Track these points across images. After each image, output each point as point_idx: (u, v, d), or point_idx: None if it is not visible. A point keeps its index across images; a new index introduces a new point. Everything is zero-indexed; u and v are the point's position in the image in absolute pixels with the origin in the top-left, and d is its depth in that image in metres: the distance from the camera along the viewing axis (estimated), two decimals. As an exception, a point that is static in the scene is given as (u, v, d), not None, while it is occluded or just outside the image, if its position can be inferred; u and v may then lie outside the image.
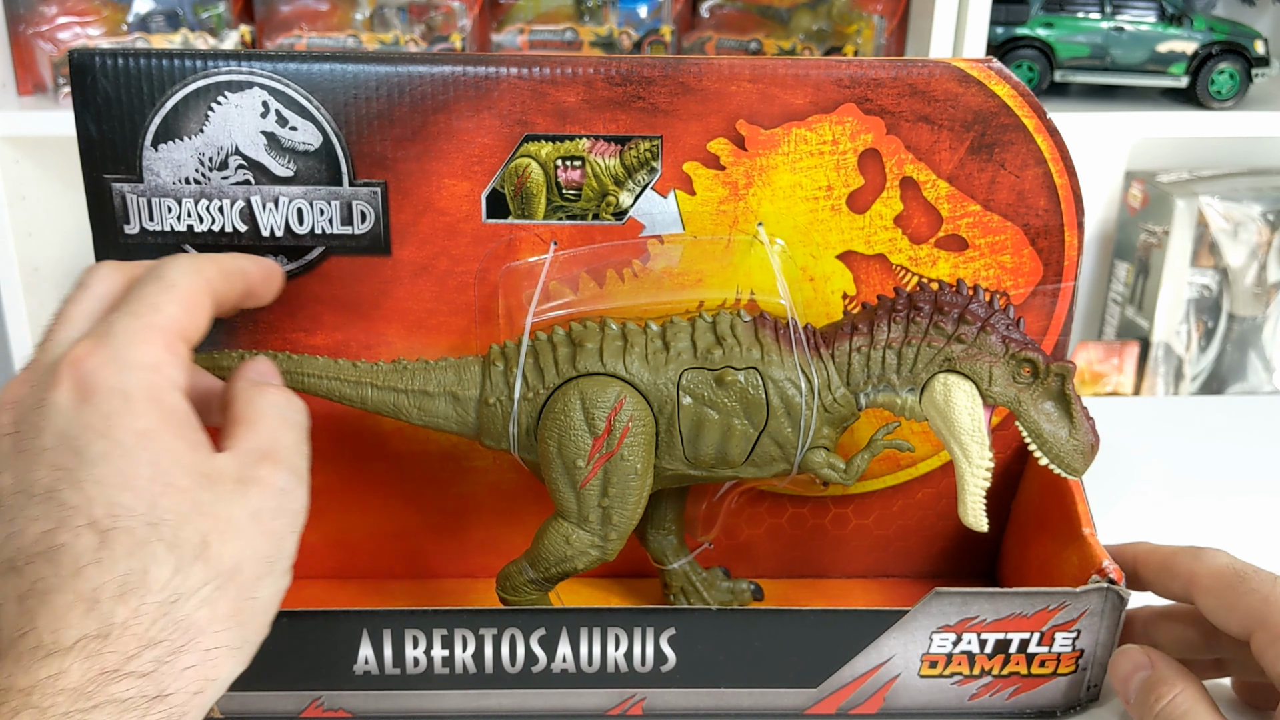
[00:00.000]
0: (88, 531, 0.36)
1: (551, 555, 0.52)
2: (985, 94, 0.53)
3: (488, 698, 0.51)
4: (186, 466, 0.39)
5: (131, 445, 0.38)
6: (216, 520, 0.38)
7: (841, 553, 0.62)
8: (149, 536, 0.37)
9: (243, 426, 0.42)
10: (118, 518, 0.37)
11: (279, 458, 0.42)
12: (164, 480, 0.38)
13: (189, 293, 0.43)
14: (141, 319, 0.41)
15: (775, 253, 0.55)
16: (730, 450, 0.51)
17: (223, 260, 0.46)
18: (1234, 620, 0.47)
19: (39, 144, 1.30)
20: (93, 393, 0.38)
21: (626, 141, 0.53)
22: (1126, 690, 0.49)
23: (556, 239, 0.54)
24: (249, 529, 0.39)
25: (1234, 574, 0.48)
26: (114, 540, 0.36)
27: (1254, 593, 0.46)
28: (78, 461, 0.37)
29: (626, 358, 0.51)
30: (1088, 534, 0.52)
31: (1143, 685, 0.48)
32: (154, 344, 0.40)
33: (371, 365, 0.52)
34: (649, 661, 0.51)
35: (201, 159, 0.52)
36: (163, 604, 0.36)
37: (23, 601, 0.35)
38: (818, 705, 0.52)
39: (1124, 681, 0.50)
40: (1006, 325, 0.50)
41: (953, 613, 0.50)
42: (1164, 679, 0.48)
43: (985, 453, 0.49)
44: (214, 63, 0.51)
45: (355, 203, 0.53)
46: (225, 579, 0.38)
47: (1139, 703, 0.49)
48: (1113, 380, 1.56)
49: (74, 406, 0.38)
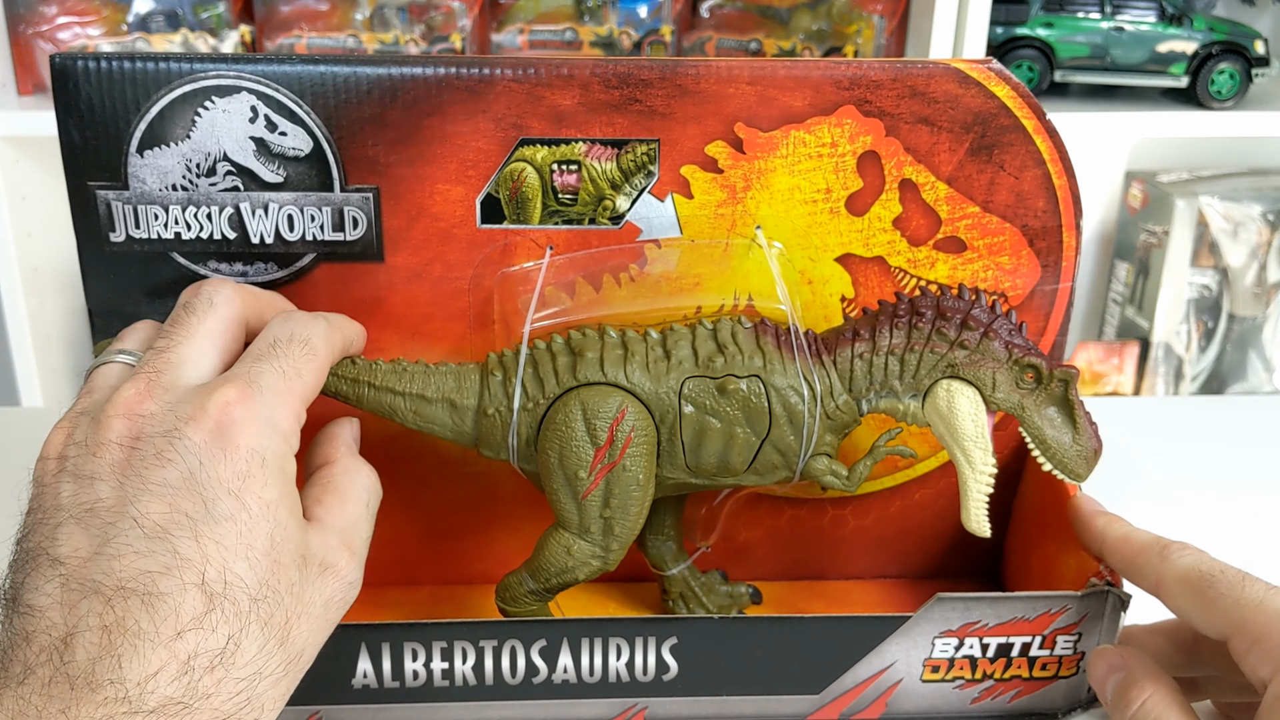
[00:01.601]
0: (196, 591, 0.36)
1: (553, 566, 0.51)
2: (985, 95, 0.53)
3: (488, 709, 0.51)
4: (293, 546, 0.39)
5: (257, 514, 0.38)
6: (300, 604, 0.39)
7: (840, 554, 0.62)
8: (250, 611, 0.37)
9: (336, 499, 0.43)
10: (229, 585, 0.37)
11: (355, 548, 0.43)
12: (275, 557, 0.38)
13: (323, 362, 0.44)
14: (288, 381, 0.41)
15: (774, 256, 0.54)
16: (732, 459, 0.51)
17: (346, 329, 0.48)
18: (1206, 626, 0.46)
19: (39, 144, 1.30)
20: (234, 446, 0.38)
21: (623, 145, 0.53)
22: (1104, 692, 0.49)
23: (553, 244, 0.54)
24: (320, 617, 0.40)
25: (1201, 577, 0.47)
26: (221, 608, 0.36)
27: (1224, 597, 0.45)
28: (202, 513, 0.37)
29: (628, 367, 0.50)
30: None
31: (1117, 687, 0.48)
32: (293, 411, 0.41)
33: (370, 363, 0.51)
34: (651, 671, 0.50)
35: (189, 165, 0.51)
36: (244, 680, 0.36)
37: (109, 635, 0.35)
38: (820, 711, 0.52)
39: (1100, 684, 0.49)
40: (1009, 331, 0.49)
41: (955, 618, 0.50)
42: (1135, 681, 0.47)
43: (989, 459, 0.49)
44: (201, 66, 0.50)
45: (347, 209, 0.53)
46: (292, 661, 0.39)
47: (1114, 705, 0.48)
48: (1113, 380, 1.56)
49: (210, 452, 0.38)
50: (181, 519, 0.37)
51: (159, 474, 0.37)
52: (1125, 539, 0.50)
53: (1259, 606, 0.44)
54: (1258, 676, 0.44)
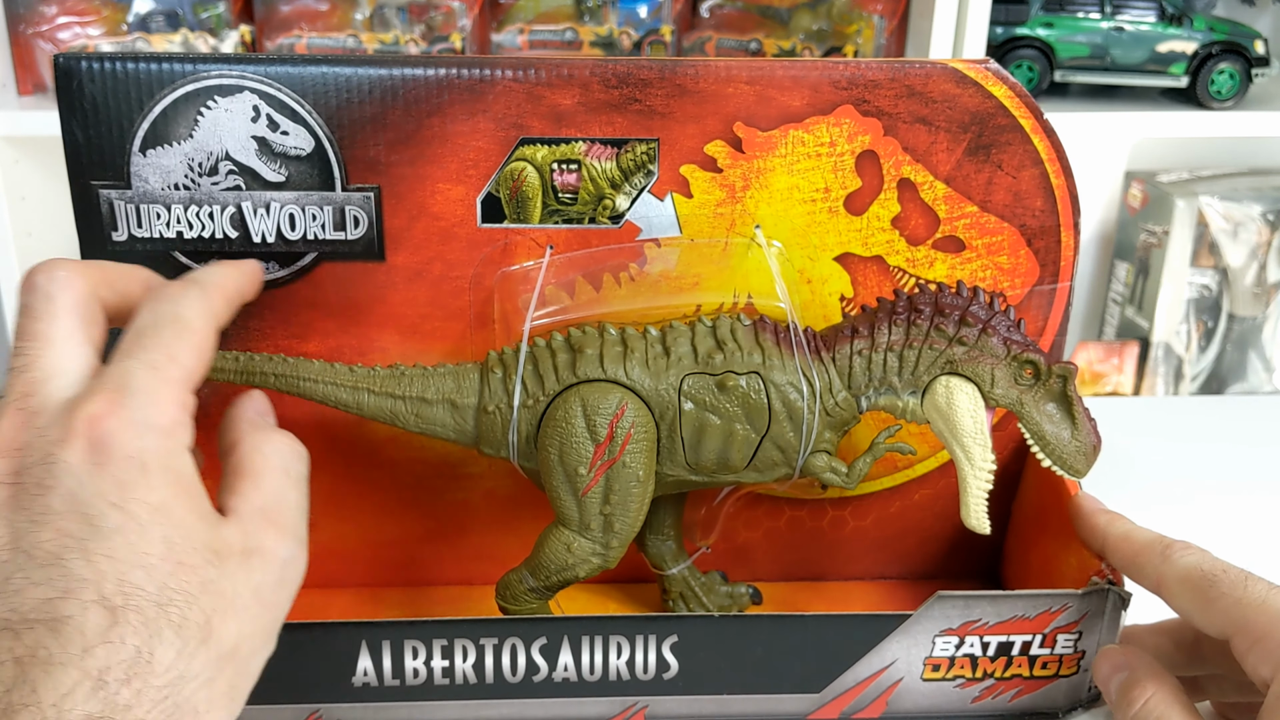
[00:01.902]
0: (97, 608, 0.35)
1: (553, 564, 0.51)
2: (982, 95, 0.53)
3: (489, 708, 0.51)
4: (197, 543, 0.38)
5: (146, 520, 0.37)
6: (220, 599, 0.38)
7: (840, 555, 0.62)
8: (158, 617, 0.36)
9: (247, 481, 0.42)
10: (129, 596, 0.36)
11: (283, 522, 0.41)
12: (175, 558, 0.37)
13: (203, 335, 0.42)
14: (160, 372, 0.40)
15: (773, 255, 0.55)
16: (732, 455, 0.51)
17: (225, 285, 0.45)
18: (1208, 624, 0.46)
19: (39, 144, 1.30)
20: (109, 458, 0.37)
21: (623, 144, 0.53)
22: (1108, 691, 0.49)
23: (553, 243, 0.54)
24: (251, 606, 0.39)
25: (1203, 576, 0.47)
26: (124, 620, 0.35)
27: (1226, 596, 0.46)
28: (89, 532, 0.36)
29: (627, 363, 0.50)
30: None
31: (1120, 686, 0.48)
32: (172, 403, 0.39)
33: (369, 370, 0.51)
34: (651, 669, 0.50)
35: (191, 165, 0.51)
36: (165, 687, 0.36)
37: (21, 666, 0.35)
38: (820, 710, 0.52)
39: (1105, 683, 0.49)
40: (1008, 327, 0.50)
41: (955, 616, 0.50)
42: (1138, 680, 0.48)
43: (988, 455, 0.49)
44: (203, 66, 0.51)
45: (348, 208, 0.53)
46: (225, 659, 0.38)
47: (1119, 704, 0.48)
48: (1113, 380, 1.56)
49: (87, 470, 0.37)
50: (70, 542, 0.36)
51: (42, 503, 0.37)
52: (1127, 537, 0.50)
53: (1261, 606, 0.44)
54: (1259, 676, 0.44)
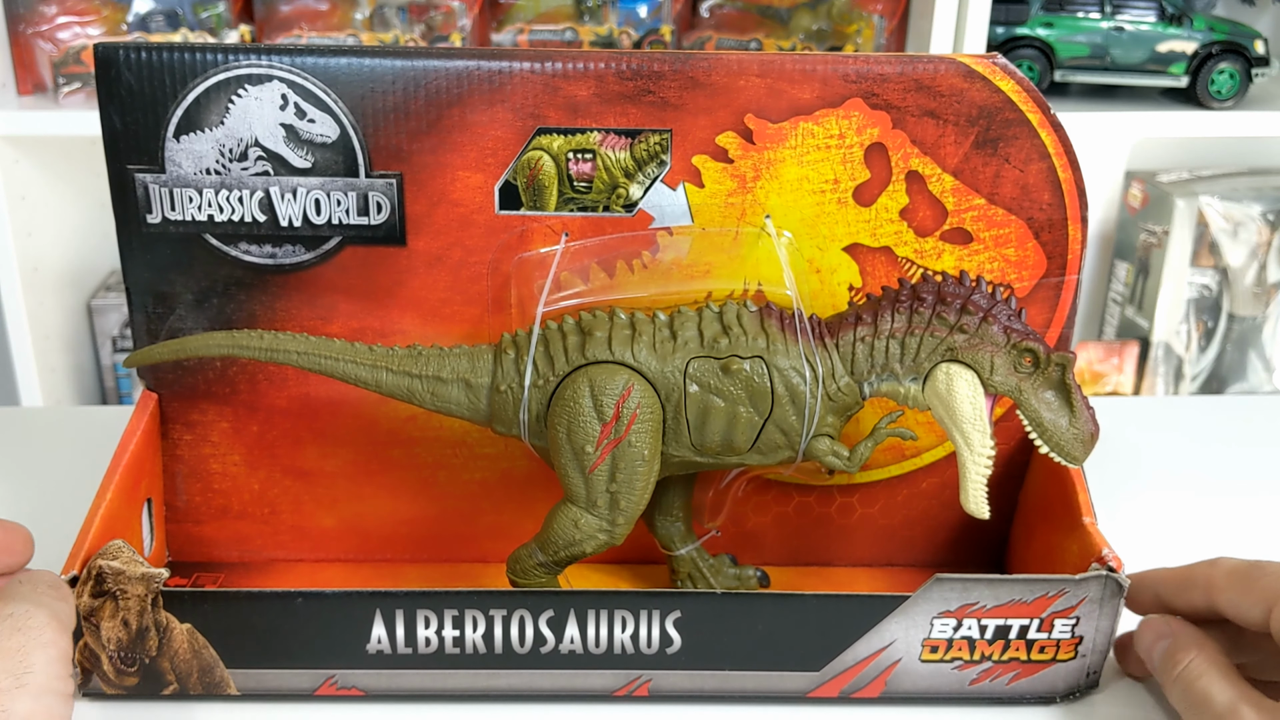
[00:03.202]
0: None
1: (560, 539, 0.53)
2: (990, 89, 0.54)
3: (497, 678, 0.52)
4: None
5: None
6: None
7: (847, 542, 0.63)
8: None
9: None
10: None
11: (5, 599, 0.44)
12: None
13: None
14: None
15: (782, 245, 0.56)
16: (736, 437, 0.52)
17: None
18: (1252, 604, 0.48)
19: (39, 144, 1.31)
20: None
21: (637, 135, 0.54)
22: (1151, 659, 0.51)
23: (568, 230, 0.55)
24: None
25: (1249, 565, 0.49)
26: None
27: (1268, 575, 0.48)
28: None
29: (634, 346, 0.52)
30: (1088, 523, 0.53)
31: (1165, 652, 0.50)
32: None
33: (387, 350, 0.53)
34: (655, 643, 0.51)
35: (222, 150, 0.53)
36: None
37: None
38: (820, 688, 0.52)
39: (1148, 651, 0.51)
40: (1008, 316, 0.51)
41: (953, 598, 0.50)
42: (1181, 645, 0.50)
43: (987, 441, 0.50)
44: (234, 56, 0.52)
45: (371, 194, 0.54)
46: None
47: (1162, 669, 0.50)
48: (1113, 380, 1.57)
49: None
50: None
51: None
52: (1169, 569, 0.53)
53: None
54: None
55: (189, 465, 0.60)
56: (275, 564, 0.62)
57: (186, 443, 0.59)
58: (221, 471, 0.60)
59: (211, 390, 0.58)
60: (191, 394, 0.58)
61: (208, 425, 0.59)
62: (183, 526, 0.61)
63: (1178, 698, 0.49)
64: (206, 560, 0.62)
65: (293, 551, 0.62)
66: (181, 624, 0.50)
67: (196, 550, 0.62)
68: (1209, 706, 0.47)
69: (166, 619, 0.50)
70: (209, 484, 0.60)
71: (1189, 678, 0.49)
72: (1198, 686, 0.48)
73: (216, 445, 0.59)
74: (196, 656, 0.51)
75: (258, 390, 0.58)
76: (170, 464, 0.60)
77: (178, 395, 0.58)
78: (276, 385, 0.58)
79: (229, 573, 0.61)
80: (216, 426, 0.59)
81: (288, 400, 0.58)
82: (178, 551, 0.62)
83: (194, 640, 0.50)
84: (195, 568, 0.61)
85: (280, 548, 0.62)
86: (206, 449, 0.60)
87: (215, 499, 0.61)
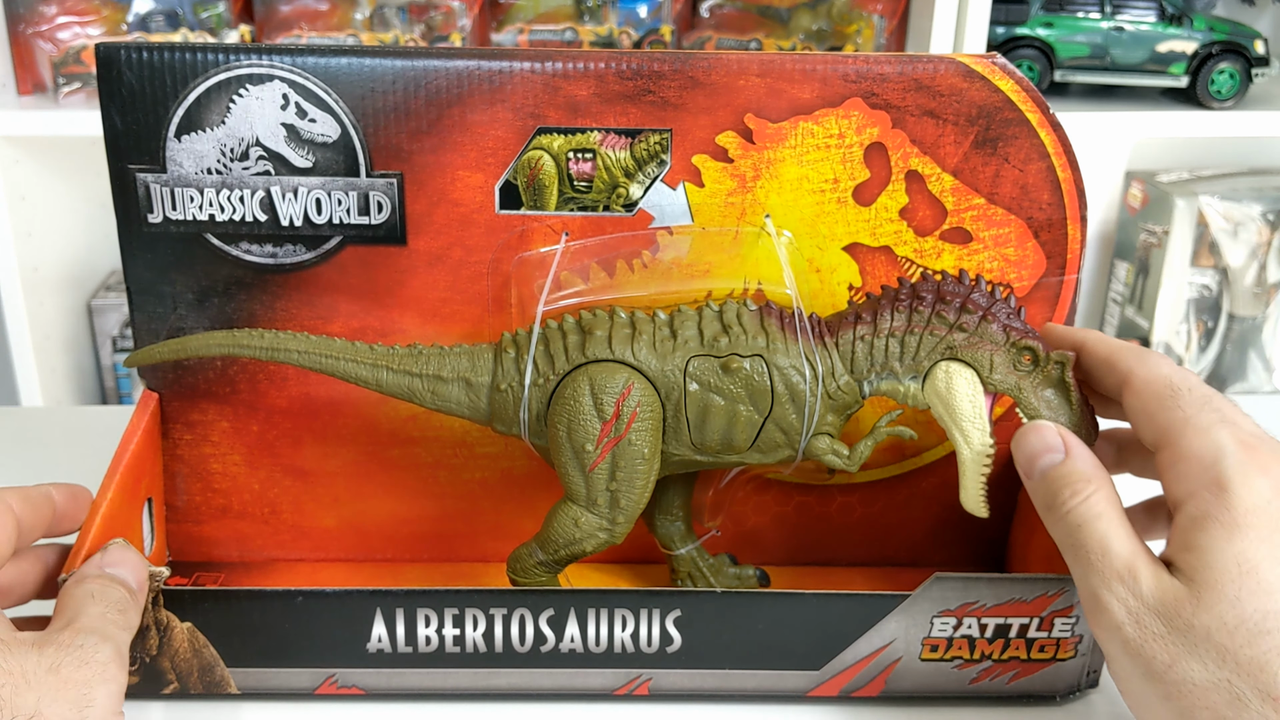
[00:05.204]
0: None
1: (560, 538, 0.53)
2: (989, 89, 0.54)
3: (497, 676, 0.52)
4: None
5: None
6: (10, 675, 0.41)
7: (847, 541, 0.63)
8: None
9: (54, 619, 0.45)
10: None
11: (79, 625, 0.44)
12: None
13: None
14: None
15: (782, 244, 0.56)
16: (736, 436, 0.52)
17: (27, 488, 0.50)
18: (1149, 430, 0.45)
19: (39, 144, 1.31)
20: None
21: (637, 134, 0.54)
22: (1031, 468, 0.47)
23: (568, 230, 0.56)
24: (47, 680, 0.42)
25: (1168, 385, 0.45)
26: None
27: (1179, 410, 0.44)
28: None
29: (634, 345, 0.52)
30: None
31: (1053, 474, 0.46)
32: None
33: (388, 349, 0.53)
34: (655, 642, 0.51)
35: (223, 150, 0.53)
36: None
37: None
38: (820, 687, 0.53)
39: (1030, 459, 0.47)
40: (1007, 314, 0.51)
41: (953, 597, 0.51)
42: (1081, 475, 0.45)
43: (986, 439, 0.50)
44: (235, 56, 0.52)
45: (372, 193, 0.54)
46: None
47: (1045, 491, 0.46)
48: (1113, 379, 1.56)
49: None
50: None
51: None
52: (1105, 338, 0.49)
53: (1203, 431, 0.43)
54: (1173, 496, 0.43)
55: (189, 465, 0.60)
56: (275, 563, 0.62)
57: (187, 442, 0.60)
58: (222, 471, 0.60)
59: (212, 390, 0.58)
60: (192, 393, 0.58)
61: (208, 425, 0.59)
62: (183, 526, 0.61)
63: (1062, 534, 0.45)
64: (207, 560, 0.62)
65: (293, 551, 0.62)
66: (182, 623, 0.50)
67: (197, 550, 0.62)
68: (1105, 557, 0.43)
69: (167, 618, 0.50)
70: (209, 483, 0.61)
71: (1084, 516, 0.44)
72: (1095, 529, 0.43)
73: (217, 445, 0.60)
74: (197, 655, 0.51)
75: (258, 390, 0.58)
76: (171, 464, 0.60)
77: (178, 395, 0.59)
78: (277, 385, 0.58)
79: (229, 572, 0.61)
80: (217, 426, 0.59)
81: (288, 400, 0.59)
82: (178, 551, 0.62)
83: (194, 639, 0.51)
84: (196, 567, 0.61)
85: (280, 547, 0.62)
86: (207, 448, 0.60)
87: (215, 498, 0.61)
